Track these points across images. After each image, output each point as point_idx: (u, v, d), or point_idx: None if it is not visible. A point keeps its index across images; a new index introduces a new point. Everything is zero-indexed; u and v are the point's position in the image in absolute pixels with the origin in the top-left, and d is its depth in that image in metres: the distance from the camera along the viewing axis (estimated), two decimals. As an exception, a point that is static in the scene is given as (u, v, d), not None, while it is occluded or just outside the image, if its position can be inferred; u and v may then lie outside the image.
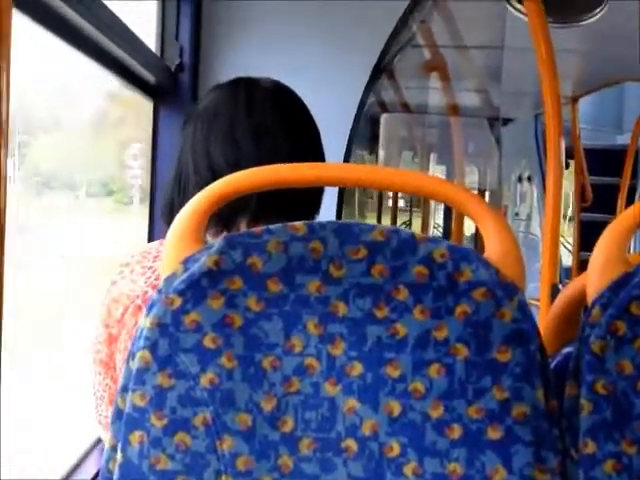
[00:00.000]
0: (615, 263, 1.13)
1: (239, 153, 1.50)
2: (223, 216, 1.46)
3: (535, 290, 2.47)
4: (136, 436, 1.07)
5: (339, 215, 2.75)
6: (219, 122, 1.52)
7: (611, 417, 1.08)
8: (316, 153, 1.59)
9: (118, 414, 1.09)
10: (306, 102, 1.60)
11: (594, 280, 1.13)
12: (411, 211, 8.27)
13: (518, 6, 2.49)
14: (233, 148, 1.50)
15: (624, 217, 1.15)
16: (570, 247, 6.29)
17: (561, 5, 2.57)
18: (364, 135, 5.72)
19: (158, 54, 2.43)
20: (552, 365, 1.19)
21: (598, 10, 2.65)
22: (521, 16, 2.50)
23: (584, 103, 5.77)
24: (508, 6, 2.55)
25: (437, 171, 7.29)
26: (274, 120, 1.52)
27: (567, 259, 5.98)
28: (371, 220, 7.17)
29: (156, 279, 1.47)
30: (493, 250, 1.12)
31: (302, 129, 1.57)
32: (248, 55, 2.62)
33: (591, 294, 1.13)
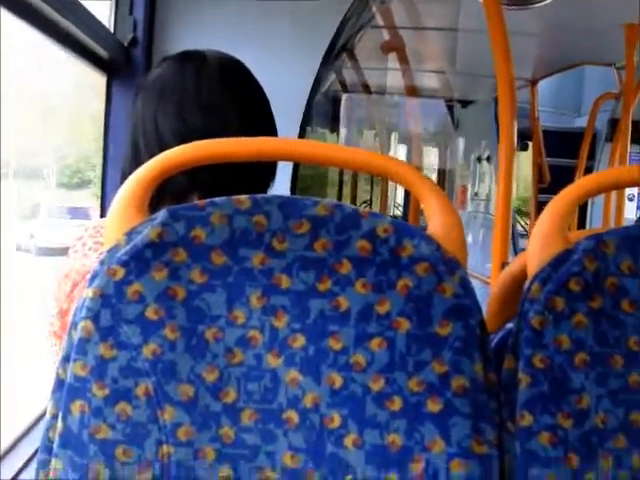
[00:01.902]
0: (555, 239, 1.14)
1: (187, 128, 1.49)
2: (175, 191, 1.46)
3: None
4: (77, 405, 1.08)
5: (293, 191, 2.75)
6: (167, 96, 1.51)
7: (548, 390, 1.10)
8: (267, 128, 1.57)
9: (59, 384, 1.09)
10: (260, 78, 1.59)
11: (534, 256, 1.15)
12: (372, 190, 8.29)
13: (473, -14, 2.50)
14: (181, 123, 1.49)
15: (564, 194, 1.16)
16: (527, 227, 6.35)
17: (515, -14, 2.59)
18: (325, 114, 5.73)
19: (111, 28, 2.41)
20: (494, 341, 1.20)
21: (553, -8, 2.66)
22: (475, -3, 2.51)
23: (544, 86, 5.80)
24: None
25: (398, 150, 7.32)
26: (222, 95, 1.51)
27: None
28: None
29: None
30: (436, 226, 1.14)
31: (252, 104, 1.55)
32: (202, 30, 2.61)
33: (531, 270, 1.14)
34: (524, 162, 6.17)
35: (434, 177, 6.95)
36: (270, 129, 1.58)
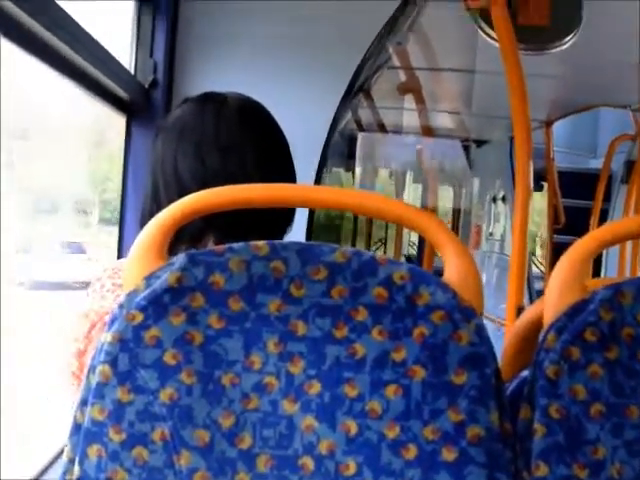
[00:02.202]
0: (572, 289, 1.14)
1: (206, 169, 1.49)
2: (191, 233, 1.46)
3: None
4: (94, 450, 1.08)
5: (309, 236, 2.76)
6: (186, 137, 1.52)
7: (564, 441, 1.10)
8: (286, 169, 1.58)
9: (76, 428, 1.10)
10: (279, 119, 1.60)
11: (551, 304, 1.15)
12: (387, 229, 8.29)
13: (489, 31, 2.52)
14: (200, 164, 1.50)
15: (583, 242, 1.17)
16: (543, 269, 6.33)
17: (532, 32, 2.60)
18: (341, 153, 5.75)
19: (132, 70, 2.43)
20: (509, 389, 1.20)
21: (569, 38, 2.67)
22: (492, 42, 2.53)
23: (559, 127, 5.82)
24: (479, 31, 2.57)
25: (412, 189, 7.33)
26: (241, 136, 1.52)
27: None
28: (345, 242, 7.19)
29: None
30: (452, 273, 1.14)
31: (270, 145, 1.56)
32: (222, 72, 2.63)
33: (547, 319, 1.14)
34: (538, 203, 6.17)
35: (449, 217, 6.96)
36: (288, 170, 1.59)
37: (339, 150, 5.66)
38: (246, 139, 1.52)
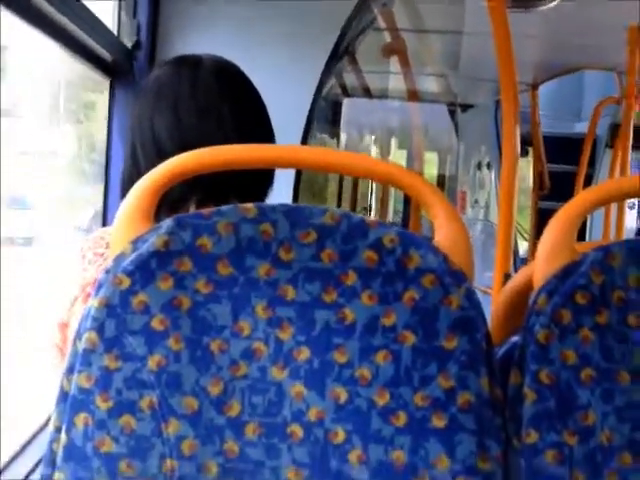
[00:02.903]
0: (562, 251, 1.13)
1: (182, 130, 1.49)
2: (173, 197, 1.45)
3: (492, 279, 2.49)
4: (81, 418, 1.07)
5: (295, 199, 2.74)
6: (163, 100, 1.51)
7: (554, 407, 1.09)
8: (264, 129, 1.58)
9: (63, 396, 1.08)
10: (263, 84, 1.59)
11: (541, 267, 1.14)
12: (371, 196, 8.28)
13: (477, -12, 2.49)
14: (176, 124, 1.49)
15: (571, 205, 1.16)
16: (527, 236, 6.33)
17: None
18: (325, 118, 5.72)
19: (115, 31, 2.40)
20: (499, 354, 1.19)
21: (557, -4, 2.66)
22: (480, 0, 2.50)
23: (544, 90, 5.79)
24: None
25: (398, 155, 7.31)
26: (217, 98, 1.51)
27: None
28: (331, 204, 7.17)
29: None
30: (442, 237, 1.13)
31: (247, 105, 1.55)
32: (205, 34, 2.60)
33: (538, 281, 1.13)
34: (523, 168, 6.16)
35: (434, 182, 6.95)
36: (266, 131, 1.58)
37: (324, 116, 5.63)
38: (222, 99, 1.52)
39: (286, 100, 2.40)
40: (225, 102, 1.51)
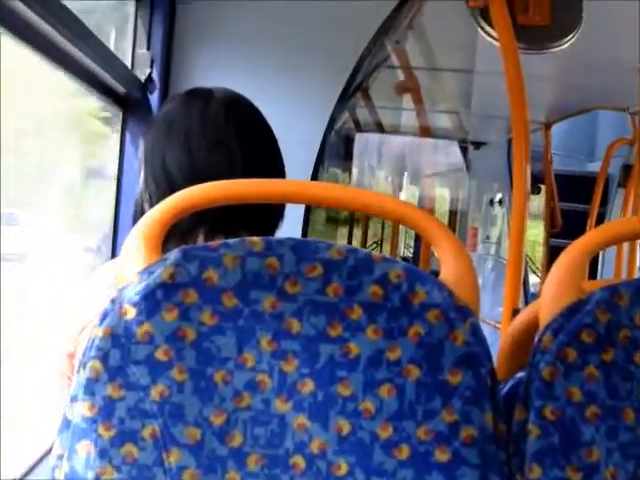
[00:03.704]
0: (568, 289, 1.13)
1: (193, 164, 1.49)
2: (182, 228, 1.46)
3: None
4: (83, 446, 1.07)
5: (304, 233, 2.74)
6: (174, 133, 1.51)
7: (558, 443, 1.09)
8: (274, 163, 1.58)
9: (66, 424, 1.09)
10: (275, 118, 1.59)
11: (547, 306, 1.14)
12: (383, 230, 8.29)
13: (489, 30, 2.51)
14: (187, 158, 1.49)
15: (579, 243, 1.16)
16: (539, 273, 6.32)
17: (532, 32, 2.59)
18: (338, 153, 5.74)
19: (128, 64, 2.42)
20: (504, 390, 1.19)
21: (569, 38, 2.67)
22: (492, 41, 2.52)
23: (558, 130, 5.81)
24: (480, 30, 2.56)
25: (410, 191, 7.32)
26: (228, 131, 1.51)
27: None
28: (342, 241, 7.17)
29: None
30: (448, 272, 1.13)
31: (257, 140, 1.55)
32: (218, 68, 2.62)
33: (543, 319, 1.13)
34: (536, 206, 6.17)
35: (445, 219, 6.95)
36: (276, 164, 1.58)
37: (336, 150, 5.65)
38: (232, 133, 1.52)
39: (298, 134, 2.41)
40: (235, 136, 1.51)
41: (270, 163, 1.57)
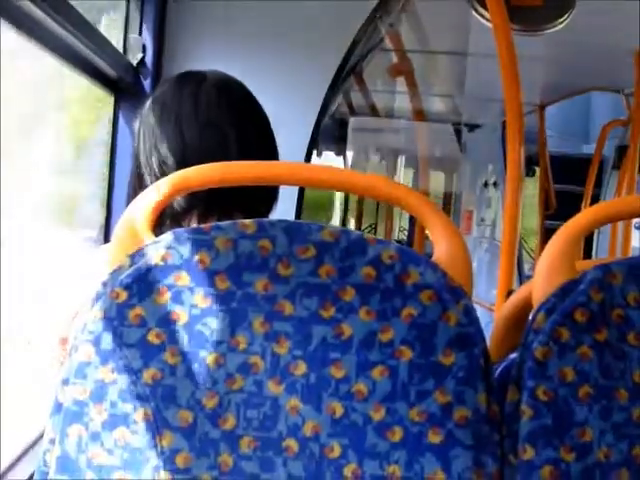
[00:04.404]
0: (561, 269, 1.13)
1: (185, 145, 1.49)
2: (175, 210, 1.45)
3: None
4: (74, 429, 1.07)
5: (298, 215, 2.74)
6: (166, 114, 1.51)
7: (551, 423, 1.08)
8: (267, 146, 1.57)
9: (57, 407, 1.08)
10: (268, 100, 1.59)
11: (540, 285, 1.14)
12: (377, 214, 8.28)
13: (483, 12, 2.50)
14: (179, 140, 1.49)
15: (572, 223, 1.16)
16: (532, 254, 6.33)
17: (525, 13, 2.58)
18: (332, 136, 5.74)
19: (120, 49, 2.41)
20: (498, 371, 1.19)
21: (562, 19, 2.66)
22: (485, 22, 2.51)
23: (552, 111, 5.81)
24: (473, 12, 2.56)
25: (404, 174, 7.32)
26: (220, 113, 1.51)
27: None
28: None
29: None
30: (441, 253, 1.13)
31: (250, 122, 1.55)
32: (210, 52, 2.61)
33: (536, 299, 1.13)
34: (531, 189, 6.17)
35: (440, 201, 6.95)
36: (270, 147, 1.58)
37: (331, 134, 5.64)
38: (224, 115, 1.51)
39: (291, 117, 2.41)
40: (227, 118, 1.51)
41: (263, 145, 1.56)
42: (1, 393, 1.76)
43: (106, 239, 2.44)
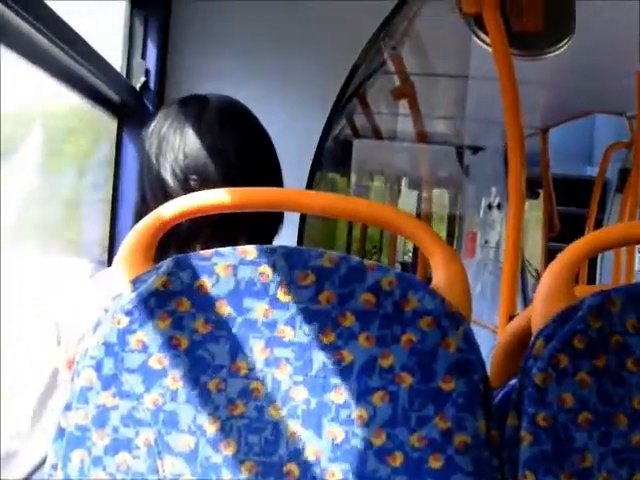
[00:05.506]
0: (560, 295, 1.14)
1: (189, 172, 1.48)
2: (179, 237, 1.45)
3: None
4: (77, 455, 1.07)
5: (300, 240, 2.74)
6: (169, 141, 1.51)
7: (551, 450, 1.09)
8: (270, 169, 1.56)
9: (60, 433, 1.09)
10: (271, 124, 1.58)
11: (538, 312, 1.14)
12: (382, 235, 8.28)
13: (483, 37, 2.51)
14: (182, 167, 1.49)
15: (571, 249, 1.16)
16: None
17: (526, 38, 2.59)
18: (336, 159, 5.74)
19: (123, 73, 2.42)
20: (498, 397, 1.19)
21: (563, 43, 2.67)
22: (485, 47, 2.52)
23: (555, 134, 5.81)
24: (473, 36, 2.56)
25: (408, 196, 7.32)
26: (223, 138, 1.50)
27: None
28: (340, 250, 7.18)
29: None
30: (440, 279, 1.13)
31: (253, 146, 1.54)
32: (214, 75, 2.61)
33: (535, 326, 1.14)
34: (535, 211, 6.17)
35: (444, 225, 6.95)
36: (273, 170, 1.57)
37: (335, 156, 5.65)
38: (228, 140, 1.50)
39: (295, 140, 2.41)
40: (230, 142, 1.50)
41: (266, 169, 1.56)
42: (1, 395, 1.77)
43: (109, 262, 2.44)
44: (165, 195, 1.46)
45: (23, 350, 1.63)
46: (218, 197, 1.17)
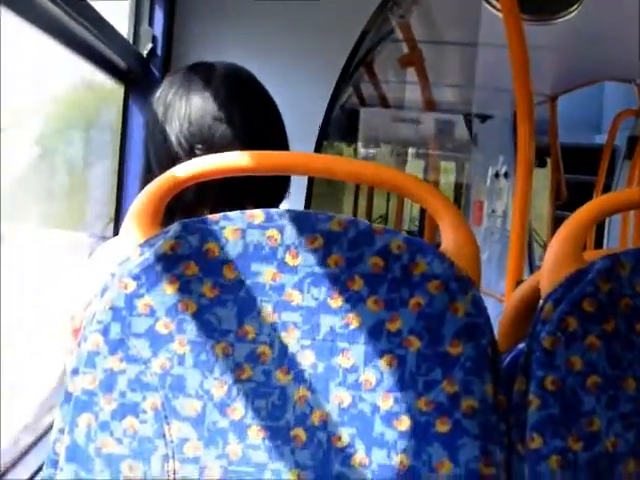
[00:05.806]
0: (569, 259, 1.13)
1: (194, 138, 1.48)
2: (186, 202, 1.45)
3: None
4: (84, 419, 1.07)
5: (308, 205, 2.74)
6: (175, 107, 1.50)
7: (559, 413, 1.09)
8: (276, 136, 1.56)
9: (67, 397, 1.09)
10: (278, 91, 1.58)
11: (547, 276, 1.14)
12: (388, 204, 8.27)
13: (493, 1, 2.49)
14: (188, 133, 1.48)
15: (579, 214, 1.16)
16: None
17: (536, 2, 2.57)
18: (342, 126, 5.72)
19: (130, 39, 2.41)
20: (506, 361, 1.19)
21: (574, 8, 2.65)
22: (496, 12, 2.50)
23: (564, 102, 5.78)
24: (483, 1, 2.55)
25: (414, 166, 7.31)
26: (229, 106, 1.50)
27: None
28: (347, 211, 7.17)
29: None
30: (449, 243, 1.13)
31: (259, 112, 1.54)
32: (220, 43, 2.60)
33: (544, 290, 1.13)
34: (542, 178, 6.15)
35: (451, 192, 6.94)
36: (279, 137, 1.57)
37: (341, 124, 5.63)
38: (234, 108, 1.50)
39: (301, 108, 2.40)
40: (236, 108, 1.50)
41: (272, 135, 1.55)
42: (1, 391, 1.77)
43: (116, 231, 2.44)
44: (170, 163, 1.45)
45: (23, 341, 1.63)
46: (225, 161, 1.16)
